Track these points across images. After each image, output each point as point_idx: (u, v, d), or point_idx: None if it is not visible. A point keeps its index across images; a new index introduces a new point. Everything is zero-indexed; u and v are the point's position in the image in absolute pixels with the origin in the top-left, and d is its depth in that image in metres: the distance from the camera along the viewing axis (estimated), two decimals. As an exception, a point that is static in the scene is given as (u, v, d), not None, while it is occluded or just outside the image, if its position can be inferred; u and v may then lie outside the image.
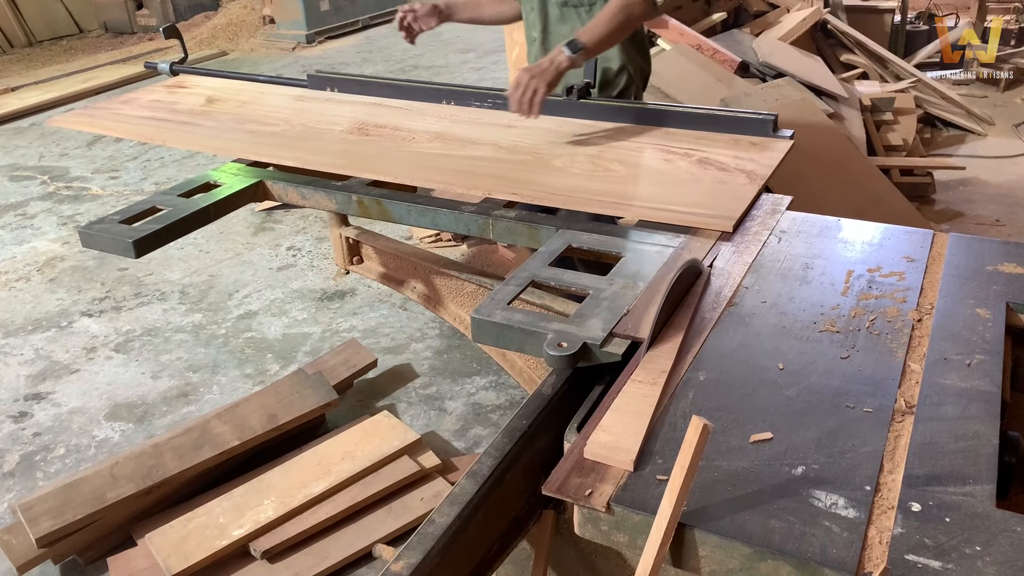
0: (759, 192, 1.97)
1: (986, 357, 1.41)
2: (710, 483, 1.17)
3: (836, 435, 1.25)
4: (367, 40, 9.26)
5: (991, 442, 1.22)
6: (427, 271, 2.73)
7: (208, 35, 9.50)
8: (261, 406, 2.71)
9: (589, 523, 1.18)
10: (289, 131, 2.48)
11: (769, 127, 2.27)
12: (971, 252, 1.76)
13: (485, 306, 1.57)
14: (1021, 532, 1.06)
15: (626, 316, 1.52)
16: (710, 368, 1.41)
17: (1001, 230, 4.11)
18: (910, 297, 1.59)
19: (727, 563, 1.10)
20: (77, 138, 6.33)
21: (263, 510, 2.37)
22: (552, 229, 1.91)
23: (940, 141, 5.25)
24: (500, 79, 7.00)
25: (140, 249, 2.00)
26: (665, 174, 2.05)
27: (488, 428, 2.90)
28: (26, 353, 3.54)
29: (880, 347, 1.45)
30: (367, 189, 2.18)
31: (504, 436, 1.36)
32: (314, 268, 4.12)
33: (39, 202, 5.19)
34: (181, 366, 3.38)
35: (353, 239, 2.92)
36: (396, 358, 3.33)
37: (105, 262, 4.27)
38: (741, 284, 1.66)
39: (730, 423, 1.28)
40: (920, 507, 1.11)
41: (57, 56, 9.26)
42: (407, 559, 1.16)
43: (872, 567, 1.03)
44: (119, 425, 3.04)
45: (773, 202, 2.00)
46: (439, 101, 2.67)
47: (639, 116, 2.40)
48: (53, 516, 2.30)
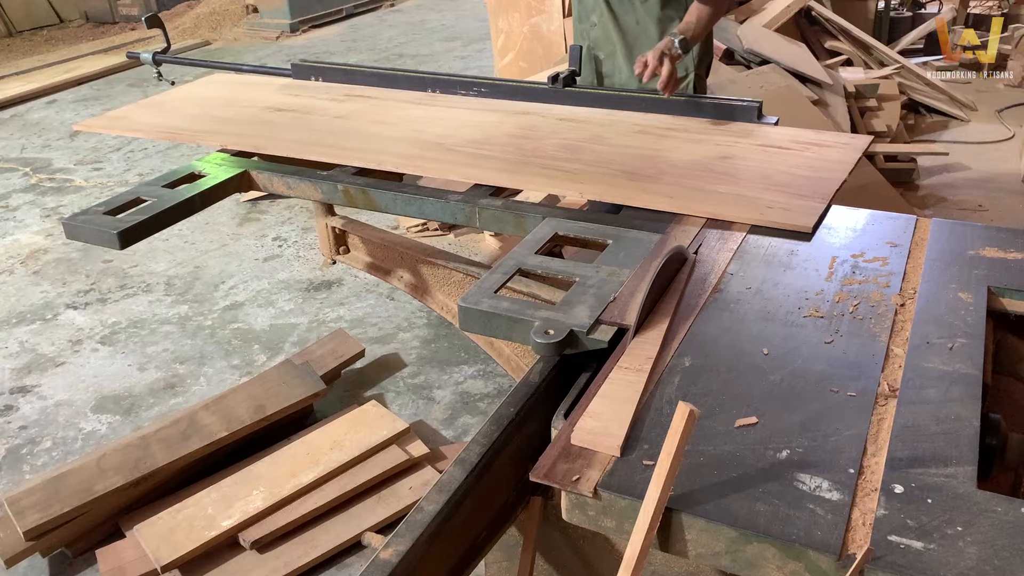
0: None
1: (968, 340, 1.43)
2: (696, 467, 1.18)
3: (820, 419, 1.26)
4: (351, 29, 9.20)
5: (973, 424, 1.23)
6: (414, 260, 2.72)
7: (191, 24, 9.42)
8: (249, 397, 2.71)
9: (577, 508, 1.19)
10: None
11: (754, 114, 2.28)
12: (953, 237, 1.77)
13: (472, 294, 1.57)
14: (1002, 512, 1.08)
15: (612, 303, 1.53)
16: (695, 354, 1.42)
17: (984, 215, 4.14)
18: (893, 282, 1.61)
19: (713, 546, 1.11)
20: (59, 129, 6.28)
21: (252, 500, 2.37)
22: (538, 217, 1.91)
23: (924, 127, 5.28)
24: (485, 67, 6.98)
25: (125, 240, 1.98)
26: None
27: (476, 416, 2.90)
28: (11, 346, 3.52)
29: (864, 332, 1.46)
30: (353, 179, 2.18)
31: (492, 424, 1.37)
32: (300, 258, 4.11)
33: (21, 194, 5.14)
34: (168, 358, 3.37)
35: (339, 229, 2.92)
36: (384, 347, 3.33)
37: (89, 254, 4.24)
38: (726, 271, 1.66)
39: (715, 408, 1.29)
40: (903, 489, 1.12)
41: (38, 46, 9.16)
42: (396, 546, 1.16)
43: (856, 548, 1.04)
44: (106, 417, 3.03)
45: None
46: (424, 89, 2.67)
47: (618, 103, 2.41)
48: (41, 509, 2.29)
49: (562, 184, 2.00)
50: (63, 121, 6.47)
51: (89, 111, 6.67)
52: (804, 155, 2.08)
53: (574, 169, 2.06)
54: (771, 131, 2.23)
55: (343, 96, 2.68)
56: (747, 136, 2.20)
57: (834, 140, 2.18)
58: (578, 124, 2.32)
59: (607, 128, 2.29)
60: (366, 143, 2.29)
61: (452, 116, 2.45)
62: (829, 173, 1.96)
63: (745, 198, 1.88)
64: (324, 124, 2.43)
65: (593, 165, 2.08)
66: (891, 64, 5.56)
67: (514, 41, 5.30)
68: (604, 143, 2.20)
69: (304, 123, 2.45)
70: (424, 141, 2.28)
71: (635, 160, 2.09)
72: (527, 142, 2.23)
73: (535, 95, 2.52)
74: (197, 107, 2.65)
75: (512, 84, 2.62)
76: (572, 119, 2.36)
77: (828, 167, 2.00)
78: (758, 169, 2.01)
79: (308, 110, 2.56)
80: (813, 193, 1.88)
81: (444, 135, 2.31)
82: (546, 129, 2.31)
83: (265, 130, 2.42)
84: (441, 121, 2.42)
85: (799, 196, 1.87)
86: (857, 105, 4.78)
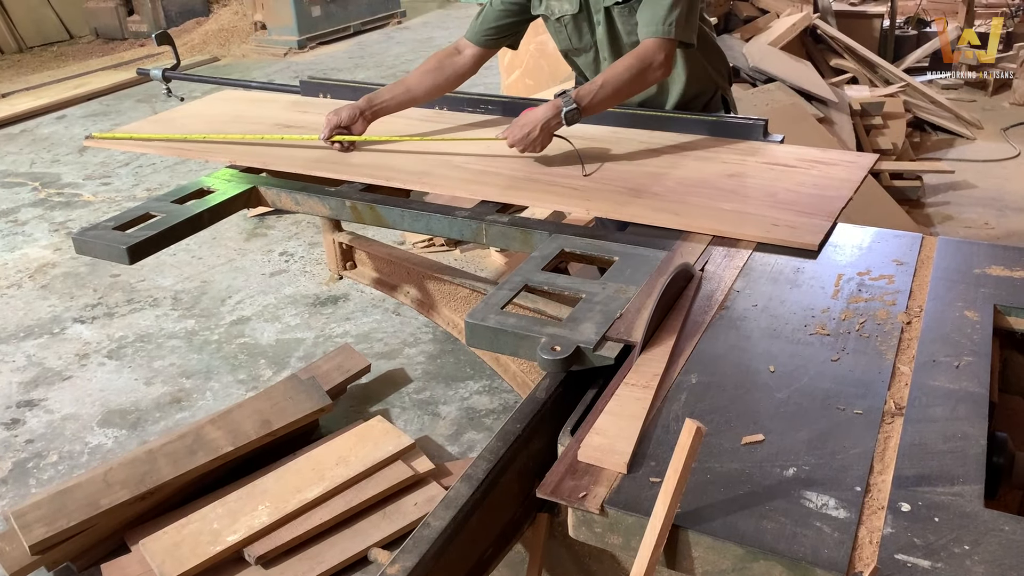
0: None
1: (974, 359, 1.42)
2: (703, 485, 1.18)
3: (827, 437, 1.26)
4: (358, 46, 9.26)
5: (979, 443, 1.23)
6: (420, 276, 2.73)
7: (200, 41, 9.49)
8: (255, 411, 2.71)
9: (583, 525, 1.19)
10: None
11: (760, 132, 2.29)
12: (960, 255, 1.77)
13: (479, 310, 1.58)
14: (1009, 531, 1.08)
15: (619, 320, 1.53)
16: (702, 371, 1.43)
17: (990, 233, 4.13)
18: (899, 300, 1.61)
19: (720, 564, 1.11)
20: (68, 144, 6.32)
21: (257, 515, 2.37)
22: (545, 234, 1.92)
23: (929, 145, 5.29)
24: (492, 84, 7.02)
25: (134, 255, 2.00)
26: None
27: (482, 432, 2.90)
28: (18, 360, 3.53)
29: (870, 349, 1.46)
30: (360, 195, 2.19)
31: (498, 440, 1.37)
32: (307, 273, 4.12)
33: (30, 208, 5.17)
34: (174, 372, 3.38)
35: (346, 244, 2.93)
36: (389, 363, 3.34)
37: (97, 268, 4.26)
38: (732, 288, 1.67)
39: (722, 425, 1.29)
40: (909, 507, 1.12)
41: (48, 62, 9.24)
42: (403, 562, 1.16)
43: (862, 567, 1.04)
44: (112, 431, 3.04)
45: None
46: (432, 107, 2.69)
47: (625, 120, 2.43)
48: (46, 523, 2.29)
49: (568, 201, 2.01)
50: (72, 136, 6.52)
51: (98, 126, 6.72)
52: (810, 173, 2.09)
53: (580, 186, 2.07)
54: (777, 149, 2.24)
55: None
56: (753, 154, 2.21)
57: (840, 158, 2.19)
58: (584, 141, 2.33)
59: (613, 145, 2.31)
60: (374, 160, 2.31)
61: (459, 133, 2.47)
62: (835, 191, 1.97)
63: (751, 215, 1.88)
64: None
65: (599, 182, 2.09)
66: (896, 82, 5.58)
67: (520, 59, 5.33)
68: (611, 160, 2.21)
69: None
70: (431, 158, 2.29)
71: (641, 177, 2.10)
72: (534, 159, 2.24)
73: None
74: (206, 123, 2.67)
75: (519, 101, 2.63)
76: (578, 136, 2.37)
77: (834, 185, 2.01)
78: (764, 187, 2.02)
79: (317, 127, 2.57)
80: (819, 211, 1.89)
81: (451, 152, 2.32)
82: (552, 146, 2.32)
83: (274, 146, 2.44)
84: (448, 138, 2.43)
85: (805, 214, 1.88)
86: (862, 123, 4.80)
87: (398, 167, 2.25)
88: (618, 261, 1.77)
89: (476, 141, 2.37)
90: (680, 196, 1.99)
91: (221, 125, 2.64)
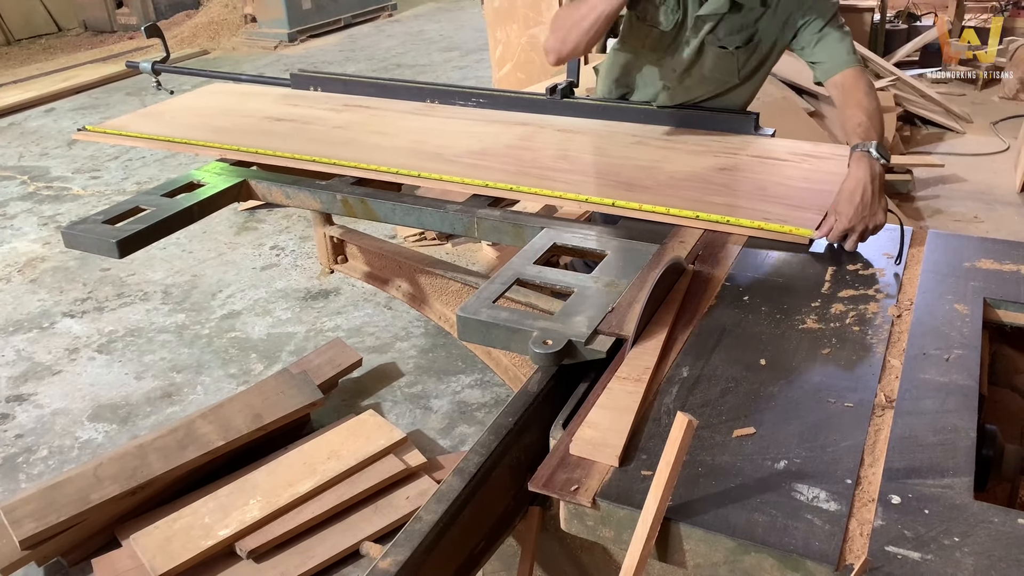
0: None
1: (964, 352, 1.43)
2: (694, 478, 1.18)
3: (817, 429, 1.26)
4: (349, 39, 9.23)
5: (969, 435, 1.24)
6: (412, 270, 2.73)
7: (189, 34, 9.44)
8: (246, 406, 2.71)
9: (575, 519, 1.19)
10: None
11: (751, 125, 2.29)
12: (949, 249, 1.78)
13: (471, 304, 1.58)
14: (998, 523, 1.08)
15: (611, 313, 1.53)
16: (693, 364, 1.43)
17: (979, 227, 4.15)
18: (890, 293, 1.61)
19: (711, 556, 1.11)
20: (57, 138, 6.28)
21: (249, 510, 2.36)
22: (537, 227, 1.92)
23: (919, 139, 5.31)
24: (483, 78, 7.01)
25: (124, 249, 1.99)
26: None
27: (473, 426, 2.90)
28: (7, 354, 3.51)
29: (860, 343, 1.47)
30: (352, 188, 2.18)
31: (490, 433, 1.37)
32: (298, 267, 4.11)
33: (19, 202, 5.14)
34: (165, 366, 3.37)
35: (337, 238, 2.92)
36: (381, 357, 3.33)
37: (87, 262, 4.24)
38: (723, 281, 1.67)
39: (713, 418, 1.30)
40: (900, 499, 1.13)
41: (36, 55, 9.17)
42: (395, 556, 1.16)
43: (853, 559, 1.05)
44: (102, 426, 3.03)
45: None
46: (423, 100, 2.68)
47: (616, 114, 2.42)
48: (37, 518, 2.28)
49: (560, 195, 2.01)
50: (61, 129, 6.48)
51: (87, 120, 6.67)
52: (801, 167, 2.09)
53: (572, 180, 2.07)
54: (768, 143, 2.24)
55: (342, 106, 2.69)
56: (744, 148, 2.21)
57: (831, 152, 2.19)
58: (576, 135, 2.33)
59: (605, 139, 2.30)
60: (365, 153, 2.30)
61: (451, 127, 2.46)
62: (826, 185, 1.97)
63: (743, 209, 1.89)
64: (323, 134, 2.44)
65: (591, 176, 2.09)
66: (887, 76, 5.59)
67: (512, 52, 5.32)
68: (602, 154, 2.21)
69: (303, 133, 2.46)
70: (423, 151, 2.29)
71: (633, 171, 2.10)
72: (525, 152, 2.24)
73: (533, 106, 2.53)
74: (196, 116, 2.66)
75: (510, 95, 2.63)
76: (570, 130, 2.37)
77: (825, 179, 2.01)
78: (755, 180, 2.02)
79: (307, 120, 2.56)
80: (810, 204, 1.89)
81: (443, 145, 2.32)
82: (544, 140, 2.32)
83: (264, 140, 2.43)
84: (440, 132, 2.43)
85: (796, 207, 1.88)
86: (853, 117, 4.79)
87: (390, 160, 2.24)
88: (610, 255, 1.77)
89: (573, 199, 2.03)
90: (672, 190, 1.99)
91: (211, 118, 2.63)
